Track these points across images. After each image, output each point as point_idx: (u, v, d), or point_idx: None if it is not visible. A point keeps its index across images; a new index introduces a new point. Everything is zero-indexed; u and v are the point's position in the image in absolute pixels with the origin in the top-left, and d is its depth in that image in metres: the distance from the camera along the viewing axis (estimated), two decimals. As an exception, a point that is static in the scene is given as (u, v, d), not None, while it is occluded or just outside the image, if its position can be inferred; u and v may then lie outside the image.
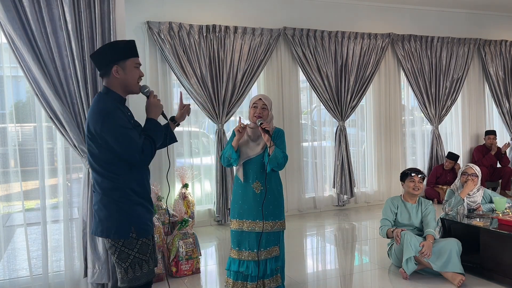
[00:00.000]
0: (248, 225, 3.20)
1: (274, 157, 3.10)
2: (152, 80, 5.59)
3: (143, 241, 2.37)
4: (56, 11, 3.35)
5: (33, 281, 3.57)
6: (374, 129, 6.90)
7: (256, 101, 3.22)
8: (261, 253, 3.20)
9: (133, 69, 2.39)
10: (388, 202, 4.12)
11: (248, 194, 3.21)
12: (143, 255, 2.37)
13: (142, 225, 2.37)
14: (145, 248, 2.38)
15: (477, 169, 4.28)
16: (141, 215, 2.38)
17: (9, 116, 3.66)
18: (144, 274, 2.38)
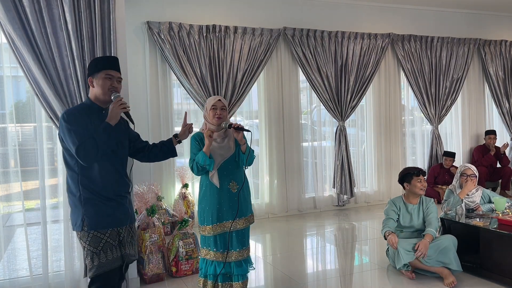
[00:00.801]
0: (230, 225, 3.17)
1: (250, 154, 3.16)
2: (152, 80, 5.59)
3: (93, 234, 2.53)
4: (56, 11, 3.36)
5: (33, 281, 3.57)
6: (374, 129, 6.90)
7: (215, 103, 3.18)
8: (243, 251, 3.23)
9: (103, 79, 2.60)
10: (390, 203, 4.07)
11: (225, 196, 3.17)
12: (93, 248, 2.54)
13: (92, 218, 2.54)
14: (95, 242, 2.54)
15: (475, 170, 4.28)
16: (92, 210, 2.54)
17: (9, 116, 3.66)
18: (95, 267, 2.54)
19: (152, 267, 3.85)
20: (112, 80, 2.63)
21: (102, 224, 2.55)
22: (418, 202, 4.03)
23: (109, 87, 2.60)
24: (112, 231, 2.59)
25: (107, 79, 2.60)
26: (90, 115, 2.59)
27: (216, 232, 3.16)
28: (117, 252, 2.60)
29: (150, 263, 3.85)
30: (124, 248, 2.65)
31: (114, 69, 2.66)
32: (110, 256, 2.57)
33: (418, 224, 3.96)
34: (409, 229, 3.97)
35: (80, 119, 2.54)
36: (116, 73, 2.67)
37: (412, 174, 3.99)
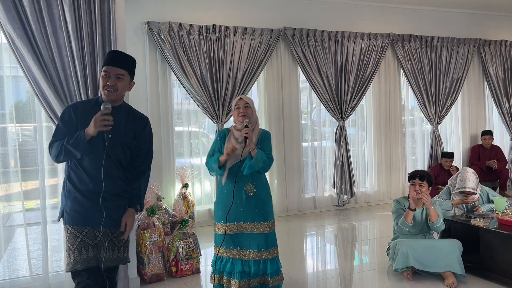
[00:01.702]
0: (247, 227, 3.19)
1: (256, 161, 3.10)
2: (152, 80, 5.59)
3: (71, 230, 2.53)
4: (56, 11, 3.36)
5: (33, 281, 3.58)
6: (374, 129, 6.90)
7: (237, 102, 3.23)
8: (261, 253, 3.22)
9: (101, 77, 2.56)
10: (396, 202, 4.00)
11: (241, 196, 3.18)
12: (70, 244, 2.53)
13: (70, 213, 2.54)
14: (72, 239, 2.53)
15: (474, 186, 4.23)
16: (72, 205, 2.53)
17: (9, 116, 3.66)
18: (71, 263, 2.51)
19: (152, 267, 3.85)
20: (108, 78, 2.50)
21: (78, 221, 2.51)
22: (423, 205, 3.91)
23: (104, 85, 2.51)
24: (89, 230, 2.53)
25: (103, 77, 2.52)
26: (94, 111, 2.48)
27: (230, 231, 3.18)
28: (92, 252, 2.53)
29: (150, 263, 3.85)
30: (98, 251, 2.55)
31: (113, 65, 2.52)
32: (85, 255, 2.51)
33: (422, 227, 3.89)
34: (412, 231, 3.91)
35: (76, 117, 2.51)
36: (114, 69, 2.51)
37: (409, 177, 3.96)
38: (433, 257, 3.67)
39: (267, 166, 3.17)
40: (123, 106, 2.65)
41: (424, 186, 3.83)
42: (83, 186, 2.52)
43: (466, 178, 4.22)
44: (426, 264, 3.68)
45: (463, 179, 4.24)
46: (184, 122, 5.91)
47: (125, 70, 2.56)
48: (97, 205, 2.51)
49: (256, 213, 3.19)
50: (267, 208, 3.26)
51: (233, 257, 3.23)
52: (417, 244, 3.76)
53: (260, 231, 3.21)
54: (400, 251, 3.74)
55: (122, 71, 2.55)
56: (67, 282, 3.64)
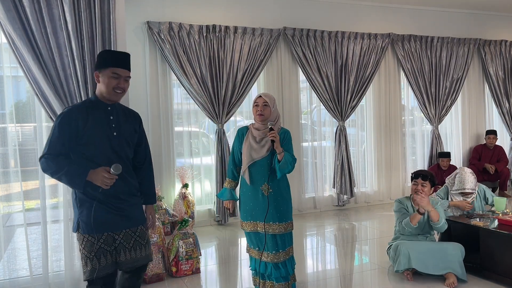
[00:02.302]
0: (262, 227, 3.17)
1: (284, 163, 3.07)
2: (152, 80, 5.59)
3: (88, 238, 2.48)
4: (56, 11, 3.36)
5: (33, 281, 3.57)
6: (374, 129, 6.90)
7: (257, 100, 3.18)
8: (279, 254, 3.22)
9: (109, 78, 2.49)
10: (398, 202, 3.98)
11: (258, 196, 3.18)
12: (87, 252, 2.49)
13: (86, 221, 2.47)
14: (89, 246, 2.49)
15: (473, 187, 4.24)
16: (87, 213, 2.47)
17: (9, 116, 3.66)
18: (88, 271, 2.49)
19: (152, 267, 3.85)
20: (119, 80, 2.50)
21: (96, 228, 2.46)
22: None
23: (115, 87, 2.49)
24: (107, 236, 2.51)
25: (113, 78, 2.49)
26: (91, 112, 2.49)
27: (249, 229, 3.23)
28: (111, 258, 2.53)
29: (150, 263, 3.84)
30: (118, 255, 2.56)
31: (123, 67, 2.52)
32: (104, 261, 2.50)
33: (424, 228, 3.88)
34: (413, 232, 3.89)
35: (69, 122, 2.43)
36: (124, 71, 2.53)
37: (412, 177, 3.97)
38: (435, 260, 3.67)
39: (292, 168, 3.14)
40: (117, 104, 2.64)
41: (426, 186, 3.83)
42: (95, 193, 2.46)
43: (465, 179, 4.24)
44: (428, 266, 3.67)
45: (462, 180, 4.25)
46: (184, 122, 5.91)
47: (129, 72, 2.59)
48: (113, 209, 2.51)
49: (270, 213, 3.16)
50: (282, 209, 3.21)
51: (255, 256, 3.28)
52: (419, 246, 3.75)
53: (275, 232, 3.18)
54: (402, 252, 3.72)
55: (129, 74, 2.58)
56: (67, 282, 3.64)
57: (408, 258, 3.68)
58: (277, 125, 3.21)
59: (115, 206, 2.52)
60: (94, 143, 2.47)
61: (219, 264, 4.47)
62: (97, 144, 2.47)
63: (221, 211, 5.78)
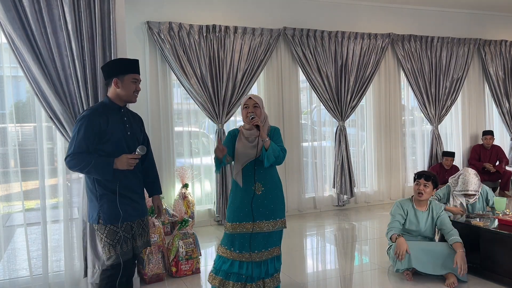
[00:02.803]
0: (250, 227, 3.16)
1: (272, 151, 3.08)
2: (152, 80, 5.59)
3: (110, 227, 2.75)
4: (56, 11, 3.35)
5: (33, 281, 3.57)
6: (374, 129, 6.90)
7: (247, 101, 3.18)
8: (262, 253, 3.20)
9: (130, 83, 2.80)
10: (398, 205, 3.94)
11: (248, 197, 3.17)
12: (110, 240, 2.76)
13: (107, 213, 2.75)
14: (111, 235, 2.76)
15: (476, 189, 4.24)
16: (108, 205, 2.74)
17: (9, 116, 3.66)
18: (112, 256, 2.77)
19: (152, 267, 3.85)
20: (137, 84, 2.83)
21: (117, 219, 2.75)
22: (427, 209, 3.91)
23: (134, 90, 2.82)
24: (126, 224, 2.79)
25: (133, 83, 2.80)
26: (109, 114, 2.77)
27: (235, 231, 3.17)
28: (130, 244, 2.82)
29: (150, 263, 3.85)
30: (135, 241, 2.87)
31: (138, 73, 2.86)
32: (125, 248, 2.79)
33: (425, 231, 3.88)
34: (413, 233, 3.92)
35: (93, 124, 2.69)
36: (139, 77, 2.86)
37: (415, 177, 3.96)
38: (436, 260, 3.66)
39: (282, 157, 3.16)
40: (124, 106, 2.93)
41: (429, 187, 3.84)
42: (113, 186, 2.74)
43: (469, 180, 4.24)
44: (428, 266, 3.67)
45: (465, 182, 4.25)
46: (184, 122, 5.91)
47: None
48: (130, 200, 2.81)
49: (260, 212, 3.17)
50: (273, 206, 3.22)
51: (233, 258, 3.20)
52: (420, 246, 3.75)
53: (263, 230, 3.18)
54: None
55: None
56: (67, 282, 3.65)
57: (409, 258, 3.68)
58: (266, 125, 3.22)
59: (131, 198, 2.82)
60: (113, 141, 2.74)
61: (219, 264, 4.47)
62: (115, 142, 2.75)
63: (221, 211, 5.78)
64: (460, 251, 3.57)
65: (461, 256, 3.55)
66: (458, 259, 3.53)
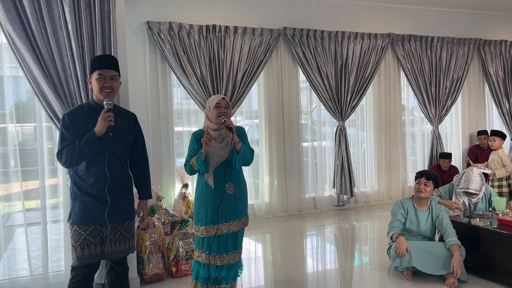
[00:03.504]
0: (224, 228, 3.15)
1: (243, 154, 3.10)
2: (152, 80, 5.59)
3: (75, 229, 2.69)
4: (56, 11, 3.35)
5: (33, 281, 3.57)
6: (374, 129, 6.90)
7: (219, 101, 3.14)
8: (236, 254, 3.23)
9: (96, 80, 2.71)
10: (398, 205, 3.94)
11: (220, 197, 3.13)
12: (73, 242, 2.70)
13: (77, 214, 2.69)
14: (75, 236, 2.69)
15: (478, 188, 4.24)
16: (79, 206, 2.69)
17: (9, 116, 3.66)
18: (73, 258, 2.71)
19: (152, 267, 3.85)
20: (105, 80, 2.70)
21: (83, 221, 2.68)
22: (427, 208, 3.90)
23: (102, 87, 2.69)
24: (93, 228, 2.69)
25: (99, 79, 2.69)
26: (92, 115, 2.68)
27: (209, 233, 3.13)
28: (96, 249, 2.70)
29: (150, 263, 3.85)
30: (105, 245, 2.72)
31: (107, 68, 2.71)
32: (87, 252, 2.68)
33: (425, 231, 3.88)
34: (414, 233, 3.91)
35: (75, 122, 2.65)
36: (109, 71, 2.71)
37: (416, 176, 3.97)
38: (436, 260, 3.66)
39: (251, 158, 3.18)
40: (114, 106, 2.79)
41: (429, 186, 3.85)
42: (87, 187, 2.68)
43: (470, 179, 4.25)
44: (428, 266, 3.67)
45: (467, 180, 4.26)
46: (184, 122, 5.91)
47: (116, 71, 2.77)
48: (103, 203, 2.68)
49: (232, 211, 3.17)
50: (243, 205, 3.25)
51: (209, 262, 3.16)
52: (420, 246, 3.74)
53: (235, 229, 3.19)
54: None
55: (115, 73, 2.75)
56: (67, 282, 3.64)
57: (409, 257, 3.68)
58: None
59: (108, 201, 2.68)
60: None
61: (219, 264, 4.46)
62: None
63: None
64: (456, 255, 3.57)
65: (458, 260, 3.55)
66: (455, 263, 3.54)
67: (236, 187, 3.20)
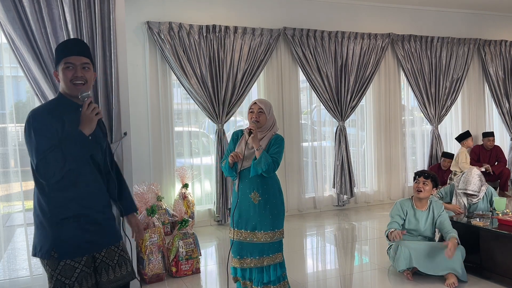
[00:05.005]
0: (247, 236, 3.12)
1: (258, 162, 3.03)
2: (152, 80, 5.59)
3: (66, 262, 2.11)
4: (56, 11, 3.35)
5: (33, 281, 3.57)
6: (374, 129, 6.90)
7: (252, 106, 3.14)
8: (263, 259, 3.16)
9: (63, 71, 2.15)
10: (397, 206, 3.93)
11: (245, 204, 3.12)
12: (65, 279, 2.12)
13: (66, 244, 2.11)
14: (69, 272, 2.12)
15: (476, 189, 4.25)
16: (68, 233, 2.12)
17: (9, 116, 3.66)
18: None
19: (152, 267, 3.85)
20: (75, 69, 2.15)
21: (78, 252, 2.14)
22: (427, 208, 3.90)
23: (71, 78, 2.14)
24: (88, 257, 2.18)
25: (67, 69, 2.15)
26: (64, 112, 2.14)
27: (233, 236, 3.17)
28: (92, 279, 2.20)
29: (150, 263, 3.85)
30: (100, 275, 2.24)
31: (76, 54, 2.16)
32: (85, 286, 2.16)
33: (425, 231, 3.88)
34: (413, 233, 3.91)
35: (47, 122, 2.07)
36: (79, 58, 2.16)
37: (414, 176, 3.97)
38: (436, 260, 3.66)
39: (270, 169, 3.05)
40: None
41: (428, 185, 3.85)
42: (69, 209, 2.12)
43: (468, 180, 4.27)
44: (428, 266, 3.67)
45: (466, 181, 4.28)
46: (184, 122, 5.91)
47: (88, 59, 2.22)
48: (91, 224, 2.17)
49: (258, 221, 3.11)
50: (272, 217, 3.13)
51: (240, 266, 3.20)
52: (420, 246, 3.74)
53: (260, 241, 3.12)
54: (402, 252, 3.72)
55: (86, 60, 2.20)
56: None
57: (410, 258, 3.68)
58: (270, 132, 3.18)
59: (93, 221, 2.18)
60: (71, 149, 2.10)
61: (219, 264, 4.46)
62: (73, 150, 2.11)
63: (221, 211, 5.78)
64: (454, 240, 3.58)
65: (454, 242, 3.56)
66: (450, 243, 3.54)
67: (263, 198, 3.12)
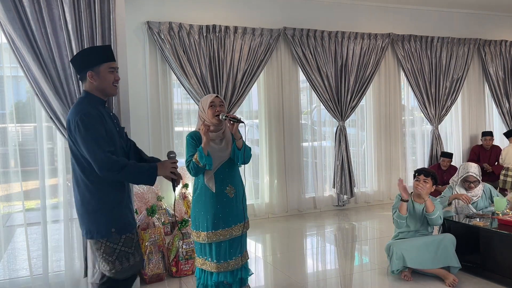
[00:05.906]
0: (227, 233, 3.05)
1: (248, 149, 3.01)
2: (152, 80, 5.59)
3: (128, 236, 2.50)
4: (56, 11, 3.35)
5: (33, 281, 3.57)
6: (374, 129, 6.90)
7: (213, 99, 3.03)
8: (239, 258, 3.11)
9: (107, 74, 2.48)
10: (398, 200, 3.95)
11: (221, 201, 3.03)
12: (128, 248, 2.49)
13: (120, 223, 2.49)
14: (129, 242, 2.50)
15: (477, 172, 4.26)
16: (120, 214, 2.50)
17: (9, 116, 3.66)
18: (127, 267, 2.49)
19: (152, 267, 3.85)
20: (115, 73, 2.52)
21: (131, 226, 2.54)
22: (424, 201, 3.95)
23: (113, 81, 2.50)
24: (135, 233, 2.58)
25: (111, 73, 2.49)
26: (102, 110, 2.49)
27: (211, 240, 3.03)
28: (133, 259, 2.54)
29: (150, 263, 3.85)
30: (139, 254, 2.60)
31: (114, 60, 2.54)
32: (139, 253, 2.56)
33: (420, 220, 3.90)
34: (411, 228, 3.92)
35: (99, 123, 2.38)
36: (116, 63, 2.56)
37: (414, 174, 3.99)
38: (429, 254, 3.69)
39: (250, 155, 3.07)
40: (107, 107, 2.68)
41: (428, 183, 3.87)
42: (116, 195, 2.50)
43: (469, 165, 4.34)
44: (422, 261, 3.69)
45: (466, 167, 4.32)
46: (184, 122, 5.91)
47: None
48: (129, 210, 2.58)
49: (234, 215, 3.07)
50: (243, 207, 3.14)
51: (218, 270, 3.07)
52: (410, 244, 3.76)
53: (238, 234, 3.08)
54: (394, 253, 3.74)
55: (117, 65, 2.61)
56: (67, 282, 3.64)
57: (402, 259, 3.70)
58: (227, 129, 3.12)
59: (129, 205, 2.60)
60: (114, 140, 2.46)
61: (219, 264, 4.46)
62: (115, 140, 2.47)
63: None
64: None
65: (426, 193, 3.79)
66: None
67: (237, 190, 3.10)
